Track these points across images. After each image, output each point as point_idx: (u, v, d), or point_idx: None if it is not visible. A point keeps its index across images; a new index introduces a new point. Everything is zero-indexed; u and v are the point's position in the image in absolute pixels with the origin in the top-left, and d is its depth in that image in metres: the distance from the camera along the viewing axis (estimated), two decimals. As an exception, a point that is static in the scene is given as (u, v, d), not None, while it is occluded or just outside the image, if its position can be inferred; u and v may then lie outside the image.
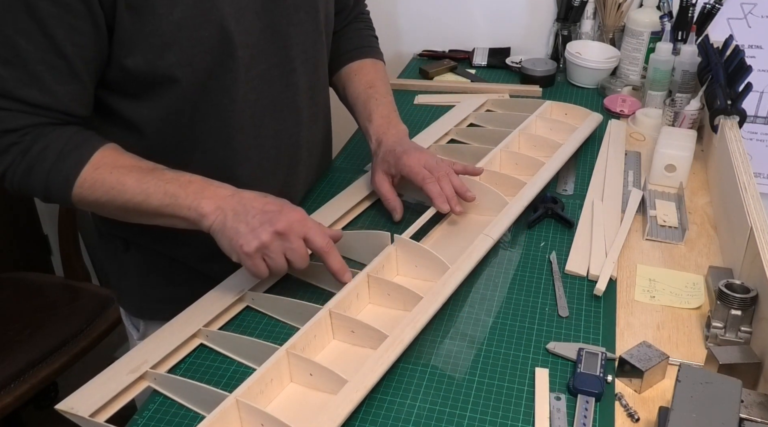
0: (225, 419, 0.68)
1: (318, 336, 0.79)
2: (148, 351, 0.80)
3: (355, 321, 0.79)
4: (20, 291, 1.65)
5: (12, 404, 1.39)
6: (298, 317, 0.83)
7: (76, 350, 1.50)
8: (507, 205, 0.99)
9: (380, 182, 1.04)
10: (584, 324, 0.85)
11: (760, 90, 1.57)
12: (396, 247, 0.90)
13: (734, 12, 1.52)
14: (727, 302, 0.80)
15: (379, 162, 1.04)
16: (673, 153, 1.12)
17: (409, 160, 1.00)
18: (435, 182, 0.98)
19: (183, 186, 0.83)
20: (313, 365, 0.74)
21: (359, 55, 1.16)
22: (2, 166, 0.83)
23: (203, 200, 0.82)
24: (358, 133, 1.36)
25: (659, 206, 1.07)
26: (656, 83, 1.37)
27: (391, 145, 1.03)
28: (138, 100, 0.88)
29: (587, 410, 0.72)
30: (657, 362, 0.76)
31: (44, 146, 0.82)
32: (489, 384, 0.77)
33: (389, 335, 0.77)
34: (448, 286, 0.84)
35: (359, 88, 1.12)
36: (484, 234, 0.94)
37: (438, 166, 1.00)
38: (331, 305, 0.80)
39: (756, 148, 1.63)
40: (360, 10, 1.22)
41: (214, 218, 0.82)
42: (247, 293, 0.88)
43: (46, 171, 0.82)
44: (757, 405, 0.67)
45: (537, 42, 1.68)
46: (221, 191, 0.84)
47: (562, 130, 1.22)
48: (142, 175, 0.83)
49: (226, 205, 0.82)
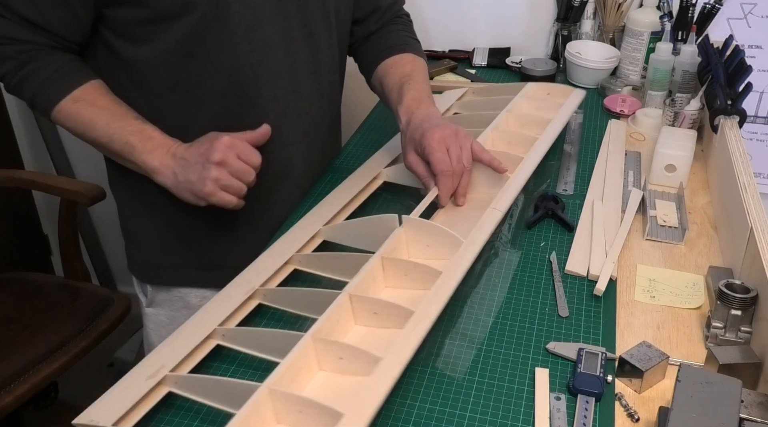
0: (259, 410, 0.64)
1: (341, 321, 0.77)
2: (165, 355, 0.77)
3: (377, 301, 0.77)
4: (20, 291, 1.65)
5: (12, 404, 1.39)
6: (315, 306, 0.80)
7: (76, 350, 1.50)
8: (509, 179, 0.98)
9: (414, 163, 0.99)
10: (584, 324, 0.85)
11: (760, 90, 1.57)
12: (405, 228, 0.88)
13: (734, 12, 1.52)
14: (727, 302, 0.80)
15: (408, 140, 1.01)
16: (673, 153, 1.12)
17: (432, 141, 0.94)
18: (448, 178, 0.94)
19: (142, 140, 0.93)
20: (343, 348, 0.71)
21: (396, 51, 1.15)
22: (2, 70, 0.94)
23: (154, 157, 0.93)
24: (358, 133, 1.36)
25: (659, 206, 1.07)
26: (656, 83, 1.37)
27: (419, 122, 1.00)
28: (139, 42, 0.94)
29: (587, 410, 0.72)
30: (657, 362, 0.76)
31: (36, 68, 0.92)
32: (489, 384, 0.77)
33: (415, 311, 0.74)
34: (465, 259, 0.83)
35: (394, 78, 1.11)
36: (492, 207, 0.92)
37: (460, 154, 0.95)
38: (350, 289, 0.78)
39: (756, 148, 1.63)
40: (396, 12, 1.22)
41: (164, 178, 0.93)
42: (258, 289, 0.87)
43: (33, 90, 0.93)
44: (757, 405, 0.67)
45: (537, 42, 1.68)
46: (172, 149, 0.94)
47: (548, 108, 1.21)
48: (112, 120, 0.94)
49: (173, 162, 0.92)
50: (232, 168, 0.91)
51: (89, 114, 0.93)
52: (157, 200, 1.03)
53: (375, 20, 1.18)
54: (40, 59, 0.92)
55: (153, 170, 0.93)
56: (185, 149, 0.93)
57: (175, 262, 1.12)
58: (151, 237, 1.11)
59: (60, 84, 0.93)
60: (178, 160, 0.92)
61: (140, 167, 0.94)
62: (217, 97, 0.99)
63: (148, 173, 0.94)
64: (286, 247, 0.94)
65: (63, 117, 0.94)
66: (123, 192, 1.11)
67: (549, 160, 1.21)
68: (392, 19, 1.21)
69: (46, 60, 0.93)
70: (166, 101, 0.99)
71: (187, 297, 1.13)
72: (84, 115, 0.93)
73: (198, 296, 1.13)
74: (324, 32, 1.06)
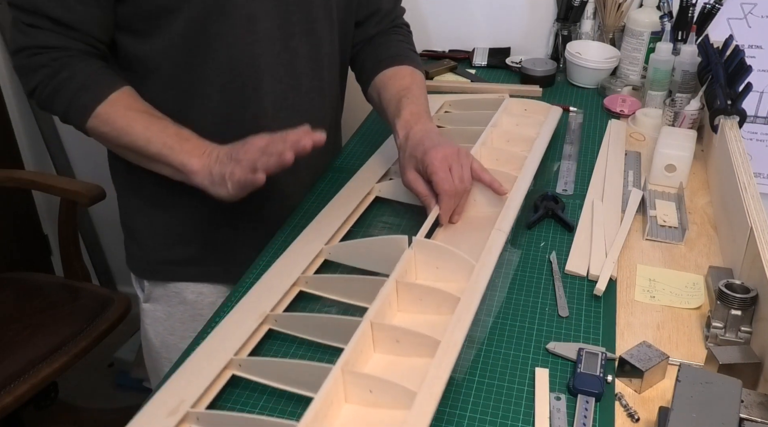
0: None
1: (363, 351, 0.74)
2: (181, 388, 0.73)
3: (400, 329, 0.75)
4: (20, 291, 1.65)
5: (12, 404, 1.39)
6: (329, 332, 0.79)
7: (76, 350, 1.50)
8: (507, 198, 0.99)
9: (414, 181, 0.98)
10: (584, 324, 0.85)
11: (760, 90, 1.57)
12: (415, 249, 0.87)
13: (734, 12, 1.52)
14: (727, 302, 0.80)
15: (408, 157, 0.99)
16: (673, 153, 1.12)
17: (434, 160, 0.94)
18: (450, 198, 0.94)
19: (180, 142, 0.92)
20: (374, 381, 0.69)
21: (395, 62, 1.14)
22: (33, 82, 0.94)
23: (194, 158, 0.91)
24: (358, 134, 1.36)
25: (659, 206, 1.07)
26: (656, 83, 1.37)
27: (419, 138, 0.99)
28: (142, 36, 0.95)
29: (587, 410, 0.72)
30: (657, 362, 0.76)
31: (70, 75, 0.92)
32: (489, 384, 0.77)
33: (441, 340, 0.72)
34: (480, 283, 0.82)
35: (392, 91, 1.10)
36: (496, 229, 0.92)
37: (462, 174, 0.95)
38: (371, 316, 0.75)
39: (756, 148, 1.63)
40: (396, 20, 1.21)
41: (201, 178, 0.91)
42: (269, 314, 0.84)
43: (68, 99, 0.93)
44: (757, 405, 0.67)
45: (537, 42, 1.68)
46: (209, 150, 0.92)
47: (528, 125, 1.22)
48: (150, 123, 0.93)
49: (209, 161, 0.91)
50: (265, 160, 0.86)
51: (127, 118, 0.93)
52: (157, 195, 1.03)
53: (374, 24, 1.18)
54: (73, 66, 0.93)
55: (191, 171, 0.91)
56: (222, 148, 0.92)
57: (172, 257, 1.12)
58: (149, 232, 1.12)
59: (95, 89, 0.93)
60: (213, 157, 0.91)
61: (178, 169, 0.92)
62: (216, 90, 1.00)
63: (186, 175, 0.92)
64: (289, 267, 0.92)
65: (99, 122, 0.93)
66: (124, 187, 1.11)
67: (549, 160, 1.21)
68: (392, 28, 1.21)
69: (79, 67, 0.93)
70: (168, 94, 1.00)
71: (184, 293, 1.14)
72: (121, 120, 0.93)
73: (194, 291, 1.13)
74: (326, 29, 1.07)
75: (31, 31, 0.91)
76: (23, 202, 2.12)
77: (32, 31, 0.91)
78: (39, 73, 0.92)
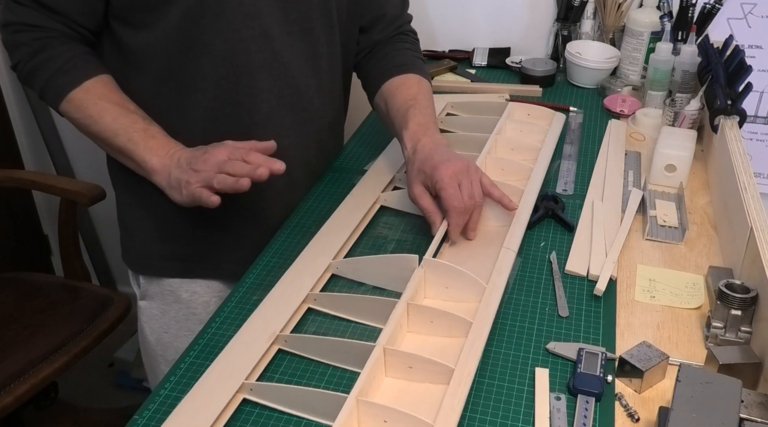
0: None
1: (376, 377, 0.74)
2: (194, 415, 0.72)
3: (413, 356, 0.74)
4: (20, 291, 1.65)
5: (12, 404, 1.39)
6: (340, 355, 0.78)
7: (76, 350, 1.50)
8: (514, 214, 0.98)
9: (420, 196, 0.96)
10: (584, 324, 0.85)
11: (760, 90, 1.57)
12: (424, 269, 0.86)
13: (734, 12, 1.52)
14: (727, 302, 0.80)
15: (416, 172, 0.97)
16: (673, 153, 1.12)
17: (444, 177, 0.92)
18: (459, 215, 0.93)
19: (146, 139, 0.95)
20: (389, 411, 0.68)
21: (402, 71, 1.14)
22: (15, 59, 0.97)
23: (155, 157, 0.94)
24: (358, 134, 1.36)
25: (659, 206, 1.07)
26: (656, 83, 1.37)
27: (428, 152, 0.97)
28: (138, 27, 0.96)
29: (587, 410, 0.72)
30: (657, 362, 0.76)
31: (49, 57, 0.95)
32: (489, 384, 0.77)
33: (455, 368, 0.72)
34: (491, 306, 0.81)
35: (400, 100, 1.09)
36: (505, 248, 0.92)
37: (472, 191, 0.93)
38: (384, 341, 0.75)
39: (756, 148, 1.63)
40: (402, 26, 1.21)
41: (160, 177, 0.94)
42: (279, 335, 0.82)
43: (45, 79, 0.95)
44: (757, 405, 0.67)
45: (537, 42, 1.68)
46: (171, 151, 0.94)
47: (532, 132, 1.22)
48: (119, 116, 0.95)
49: (170, 162, 0.93)
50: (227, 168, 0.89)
51: (98, 107, 0.95)
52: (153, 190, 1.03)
53: (379, 29, 1.17)
54: (53, 48, 0.95)
55: (152, 169, 0.94)
56: (185, 151, 0.94)
57: (164, 252, 1.12)
58: (142, 226, 1.11)
59: (72, 74, 0.95)
60: (175, 160, 0.93)
61: (140, 165, 0.95)
62: (211, 85, 1.00)
63: (147, 172, 0.95)
64: (298, 282, 0.90)
65: (72, 108, 0.95)
66: (121, 181, 1.11)
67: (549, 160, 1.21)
68: (398, 35, 1.20)
69: (60, 50, 0.95)
70: (163, 88, 1.00)
71: (178, 291, 1.13)
72: (92, 108, 0.95)
73: (188, 290, 1.13)
74: (324, 29, 1.07)
75: (15, 8, 0.94)
76: (23, 202, 2.12)
77: (17, 7, 0.94)
78: (20, 50, 0.95)
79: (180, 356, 0.83)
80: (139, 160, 0.95)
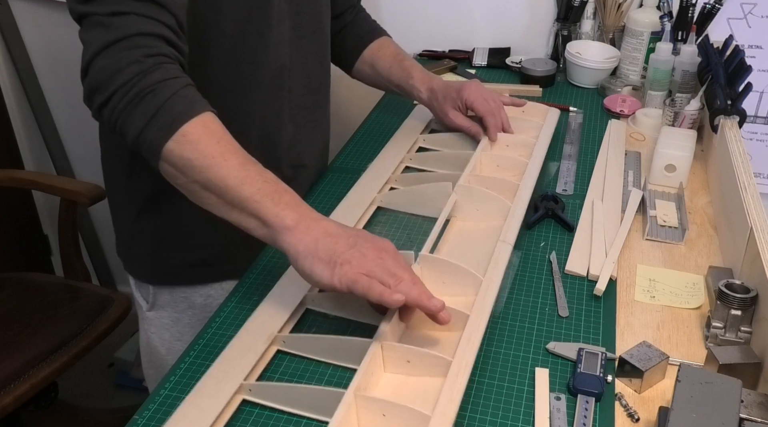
0: None
1: (375, 373, 0.74)
2: (193, 418, 0.71)
3: (411, 350, 0.74)
4: (20, 291, 1.65)
5: (12, 404, 1.39)
6: (338, 353, 0.79)
7: (76, 350, 1.50)
8: (510, 208, 0.99)
9: (455, 116, 1.18)
10: (584, 324, 0.85)
11: (760, 90, 1.57)
12: (421, 265, 0.86)
13: (734, 12, 1.52)
14: (727, 302, 0.80)
15: (442, 100, 1.18)
16: (673, 153, 1.12)
17: (470, 93, 1.16)
18: (493, 117, 1.15)
19: (279, 192, 0.78)
20: (387, 405, 0.68)
21: (375, 35, 1.26)
22: (114, 85, 0.76)
23: (293, 213, 0.77)
24: (358, 134, 1.36)
25: (659, 206, 1.07)
26: (656, 83, 1.37)
27: (445, 85, 1.19)
28: None
29: (587, 410, 0.72)
30: (657, 362, 0.76)
31: (164, 77, 0.77)
32: (489, 384, 0.77)
33: (453, 361, 0.72)
34: (488, 299, 0.81)
35: (388, 59, 1.23)
36: (501, 241, 0.92)
37: (493, 97, 1.18)
38: (381, 337, 0.75)
39: (756, 148, 1.63)
40: (360, 7, 1.30)
41: (299, 238, 0.76)
42: (277, 335, 0.82)
43: (158, 104, 0.76)
44: (757, 405, 0.67)
45: (537, 42, 1.68)
46: (312, 213, 0.79)
47: (527, 128, 1.23)
48: (246, 162, 0.79)
49: (318, 226, 0.77)
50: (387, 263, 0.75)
51: (221, 147, 0.77)
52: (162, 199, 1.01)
53: (350, 13, 1.26)
54: (168, 70, 0.78)
55: (287, 227, 0.76)
56: (333, 221, 0.80)
57: (178, 261, 1.10)
58: (152, 237, 1.09)
59: (191, 102, 0.78)
60: (323, 225, 0.78)
61: (268, 220, 0.77)
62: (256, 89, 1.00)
63: (277, 230, 0.77)
64: (295, 285, 0.89)
65: (186, 144, 0.76)
66: (122, 195, 1.08)
67: (549, 160, 1.21)
68: (357, 14, 1.29)
69: (174, 72, 0.78)
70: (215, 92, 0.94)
71: (192, 297, 1.12)
72: (214, 147, 0.77)
73: (203, 294, 1.12)
74: (328, 27, 1.12)
75: (115, 21, 0.77)
76: (23, 202, 2.12)
77: (117, 20, 0.77)
78: (125, 72, 0.76)
79: (180, 356, 0.83)
80: (271, 216, 0.77)
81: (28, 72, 1.99)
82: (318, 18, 1.08)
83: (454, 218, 1.02)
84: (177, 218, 1.06)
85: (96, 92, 0.78)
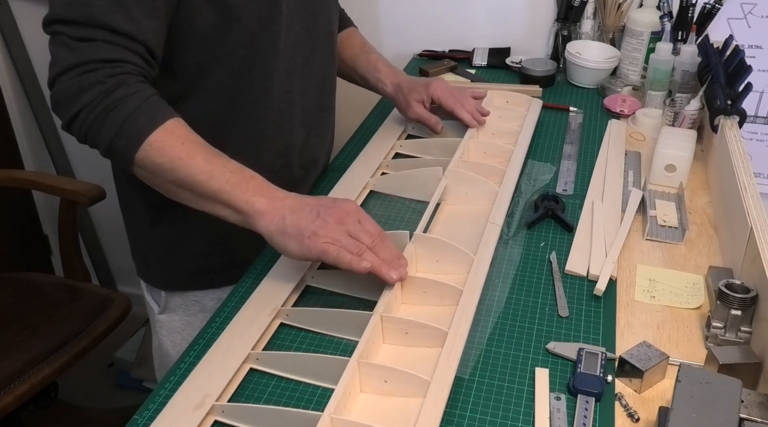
0: None
1: (375, 343, 0.78)
2: (203, 384, 0.75)
3: (409, 322, 0.78)
4: (20, 291, 1.65)
5: (12, 404, 1.39)
6: (338, 326, 0.82)
7: (76, 350, 1.50)
8: (497, 192, 1.03)
9: (417, 107, 1.22)
10: (584, 324, 0.85)
11: (760, 90, 1.57)
12: (415, 244, 0.90)
13: (734, 12, 1.52)
14: (727, 302, 0.80)
15: (407, 93, 1.22)
16: (673, 153, 1.12)
17: (437, 89, 1.21)
18: (463, 108, 1.20)
19: (245, 180, 0.85)
20: (389, 371, 0.72)
21: (344, 26, 1.28)
22: (79, 104, 0.81)
23: (261, 198, 0.84)
24: (358, 134, 1.36)
25: (659, 206, 1.07)
26: (656, 83, 1.37)
27: (411, 80, 1.24)
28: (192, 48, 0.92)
29: (587, 410, 0.72)
30: (657, 362, 0.76)
31: (127, 94, 0.82)
32: (489, 384, 0.77)
33: (449, 331, 0.76)
34: (479, 275, 0.86)
35: (354, 49, 1.27)
36: (490, 222, 0.96)
37: (460, 91, 1.24)
38: (380, 310, 0.79)
39: (756, 148, 1.63)
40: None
41: (267, 220, 0.83)
42: (281, 309, 0.85)
43: (123, 118, 0.82)
44: (757, 405, 0.67)
45: (537, 42, 1.68)
46: (277, 193, 0.86)
47: (510, 118, 1.28)
48: (211, 157, 0.85)
49: (281, 205, 0.84)
50: (350, 228, 0.83)
51: (186, 148, 0.83)
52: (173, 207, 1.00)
53: None
54: (129, 86, 0.82)
55: (257, 212, 0.83)
56: (296, 195, 0.87)
57: (192, 267, 1.10)
58: (165, 245, 1.09)
59: (154, 112, 0.83)
60: (288, 202, 0.84)
61: (239, 209, 0.84)
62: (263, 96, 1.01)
63: (249, 216, 0.84)
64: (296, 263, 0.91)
65: (155, 151, 0.82)
66: (136, 203, 1.07)
67: (549, 160, 1.21)
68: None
69: (136, 87, 0.83)
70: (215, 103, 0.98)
71: (203, 300, 1.12)
72: (180, 149, 0.83)
73: (214, 298, 1.12)
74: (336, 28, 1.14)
75: (82, 46, 0.81)
76: (23, 202, 2.12)
77: (84, 45, 0.81)
78: (89, 92, 0.81)
79: (180, 356, 0.83)
80: (241, 203, 0.83)
81: (28, 72, 1.99)
82: (329, 18, 1.08)
83: (444, 202, 1.06)
84: (191, 227, 1.06)
85: (62, 106, 0.83)
